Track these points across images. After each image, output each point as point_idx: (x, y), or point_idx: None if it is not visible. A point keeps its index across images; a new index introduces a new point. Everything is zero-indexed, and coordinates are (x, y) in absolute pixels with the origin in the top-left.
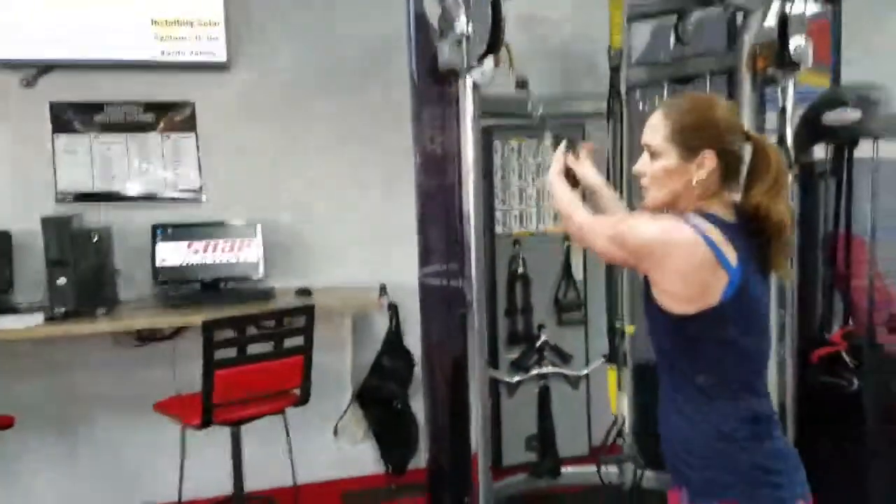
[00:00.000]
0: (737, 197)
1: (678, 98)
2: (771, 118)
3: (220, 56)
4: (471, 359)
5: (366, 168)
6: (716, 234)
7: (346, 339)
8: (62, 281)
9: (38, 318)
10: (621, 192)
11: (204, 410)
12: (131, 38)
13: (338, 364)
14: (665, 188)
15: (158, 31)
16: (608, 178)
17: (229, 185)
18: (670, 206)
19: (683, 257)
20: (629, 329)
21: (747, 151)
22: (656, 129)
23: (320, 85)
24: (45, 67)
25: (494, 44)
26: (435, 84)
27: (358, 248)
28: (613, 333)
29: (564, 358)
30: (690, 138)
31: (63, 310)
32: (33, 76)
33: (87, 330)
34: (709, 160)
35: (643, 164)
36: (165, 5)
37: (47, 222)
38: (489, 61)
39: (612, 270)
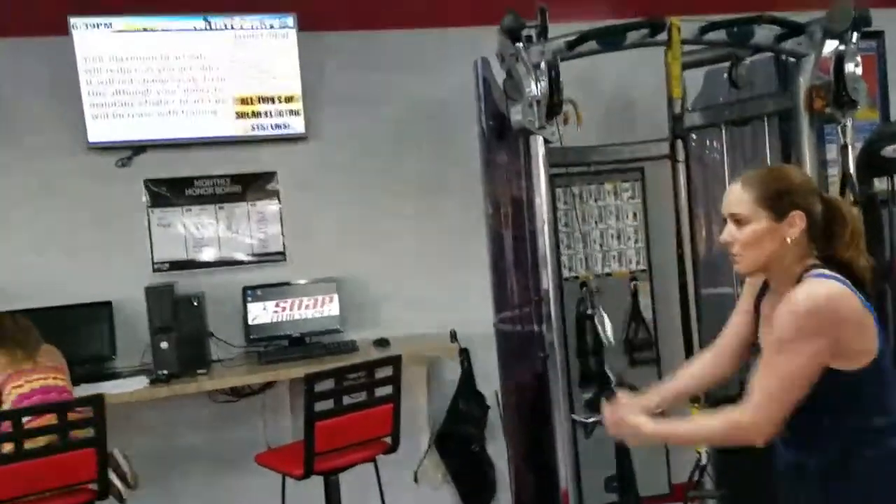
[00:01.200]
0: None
1: (754, 170)
2: (827, 152)
3: (299, 128)
4: (554, 401)
5: (435, 221)
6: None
7: (421, 385)
8: (165, 345)
9: (144, 381)
10: (681, 228)
11: (306, 461)
12: (218, 117)
13: (414, 410)
14: (760, 251)
15: (243, 110)
16: (676, 219)
17: (309, 245)
18: (765, 269)
19: (851, 313)
20: None
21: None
22: (740, 199)
23: (391, 147)
24: (139, 148)
25: (556, 105)
26: (504, 140)
27: (427, 297)
28: None
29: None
30: (777, 201)
31: (166, 372)
32: (128, 157)
33: (190, 390)
34: (799, 218)
35: (730, 233)
36: (249, 85)
37: (150, 291)
38: (557, 120)
39: (686, 310)
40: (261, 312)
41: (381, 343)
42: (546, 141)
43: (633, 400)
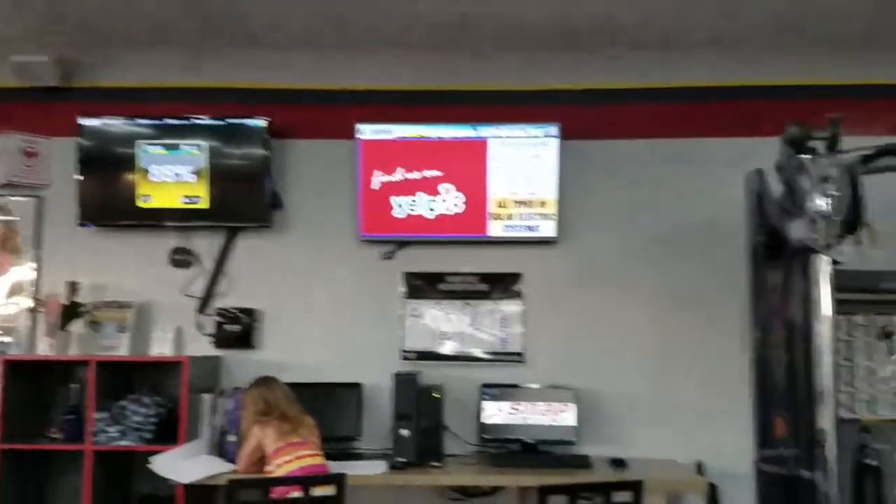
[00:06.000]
0: None
1: None
2: None
3: (550, 232)
4: None
5: (687, 339)
6: None
7: None
8: (405, 433)
9: (383, 465)
10: None
11: None
12: (475, 218)
13: None
14: None
15: (498, 212)
16: None
17: (548, 349)
18: None
19: None
20: None
21: None
22: None
23: (642, 259)
24: (403, 243)
25: (855, 222)
26: (779, 259)
27: (674, 421)
28: None
29: None
30: None
31: (404, 460)
32: (392, 251)
33: (426, 482)
34: None
35: None
36: (506, 188)
37: (399, 378)
38: (849, 240)
39: None
40: (495, 412)
41: (618, 464)
42: (833, 262)
43: None
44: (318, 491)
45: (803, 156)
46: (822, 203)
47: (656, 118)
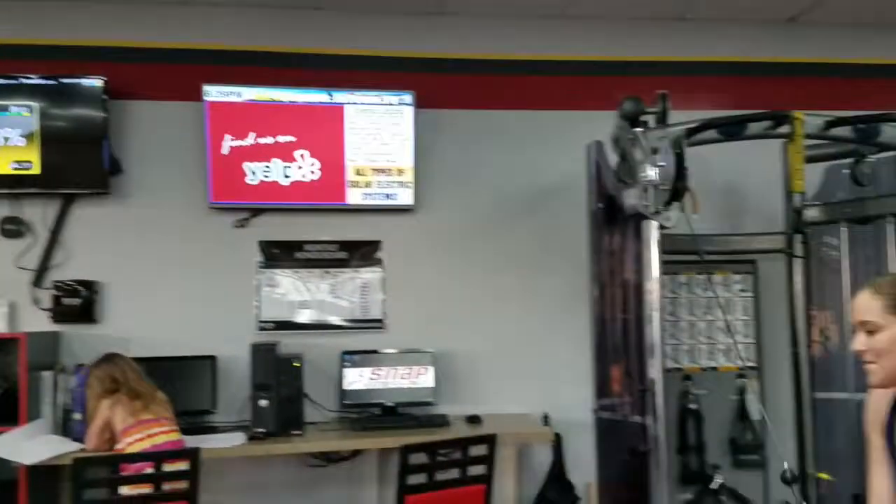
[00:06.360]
0: None
1: (882, 277)
2: None
3: (408, 200)
4: (655, 499)
5: (537, 300)
6: None
7: (509, 468)
8: (264, 403)
9: (241, 437)
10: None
11: None
12: (332, 185)
13: (501, 494)
14: (894, 360)
15: (356, 180)
16: (791, 317)
17: (409, 315)
18: None
19: None
20: (824, 476)
21: None
22: (870, 307)
23: (498, 224)
24: (257, 211)
25: (679, 192)
26: (614, 224)
27: (524, 377)
28: (805, 480)
29: (743, 503)
30: None
31: (263, 430)
32: (245, 219)
33: (286, 450)
34: None
35: (861, 342)
36: (363, 156)
37: (256, 348)
38: (675, 206)
39: (801, 414)
40: (356, 378)
41: (474, 420)
42: (661, 226)
43: None
44: (172, 467)
45: (636, 129)
46: (652, 173)
47: (508, 89)
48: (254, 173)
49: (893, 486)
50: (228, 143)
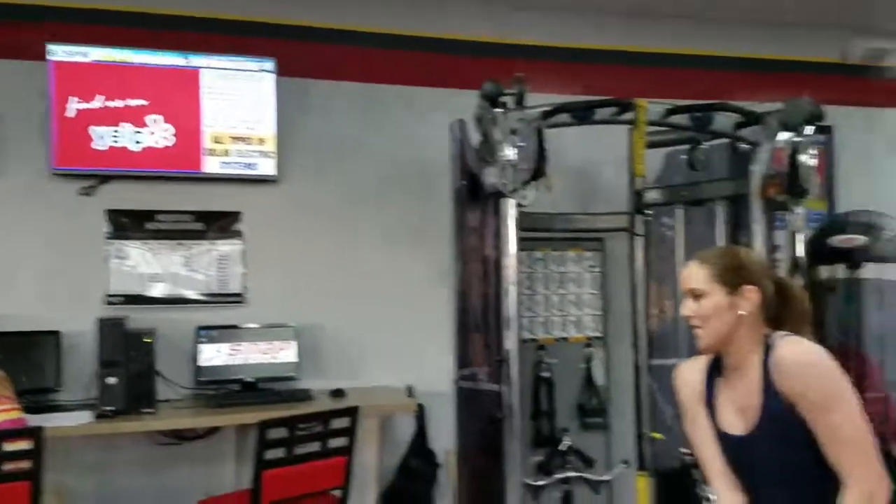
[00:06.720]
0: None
1: (708, 249)
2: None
3: (270, 171)
4: (509, 463)
5: (400, 275)
6: None
7: (372, 439)
8: (112, 380)
9: (88, 415)
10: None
11: None
12: (188, 153)
13: (364, 464)
14: (718, 323)
15: (214, 147)
16: (632, 291)
17: (270, 289)
18: (724, 344)
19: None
20: (656, 435)
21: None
22: (697, 275)
23: (362, 198)
24: (105, 178)
25: (539, 171)
26: (476, 201)
27: (389, 350)
28: (641, 440)
29: (588, 462)
30: (732, 277)
31: (112, 408)
32: (92, 186)
33: (136, 428)
34: (753, 293)
35: (689, 307)
36: (223, 124)
37: (103, 323)
38: (532, 186)
39: (639, 380)
40: (214, 354)
41: (338, 394)
42: (518, 205)
43: None
44: (13, 446)
45: (496, 109)
46: (510, 153)
47: (376, 63)
48: (101, 138)
49: (718, 448)
50: (74, 105)
